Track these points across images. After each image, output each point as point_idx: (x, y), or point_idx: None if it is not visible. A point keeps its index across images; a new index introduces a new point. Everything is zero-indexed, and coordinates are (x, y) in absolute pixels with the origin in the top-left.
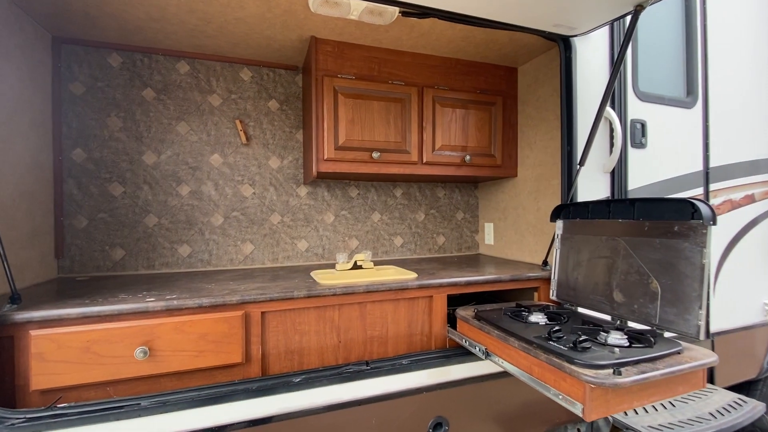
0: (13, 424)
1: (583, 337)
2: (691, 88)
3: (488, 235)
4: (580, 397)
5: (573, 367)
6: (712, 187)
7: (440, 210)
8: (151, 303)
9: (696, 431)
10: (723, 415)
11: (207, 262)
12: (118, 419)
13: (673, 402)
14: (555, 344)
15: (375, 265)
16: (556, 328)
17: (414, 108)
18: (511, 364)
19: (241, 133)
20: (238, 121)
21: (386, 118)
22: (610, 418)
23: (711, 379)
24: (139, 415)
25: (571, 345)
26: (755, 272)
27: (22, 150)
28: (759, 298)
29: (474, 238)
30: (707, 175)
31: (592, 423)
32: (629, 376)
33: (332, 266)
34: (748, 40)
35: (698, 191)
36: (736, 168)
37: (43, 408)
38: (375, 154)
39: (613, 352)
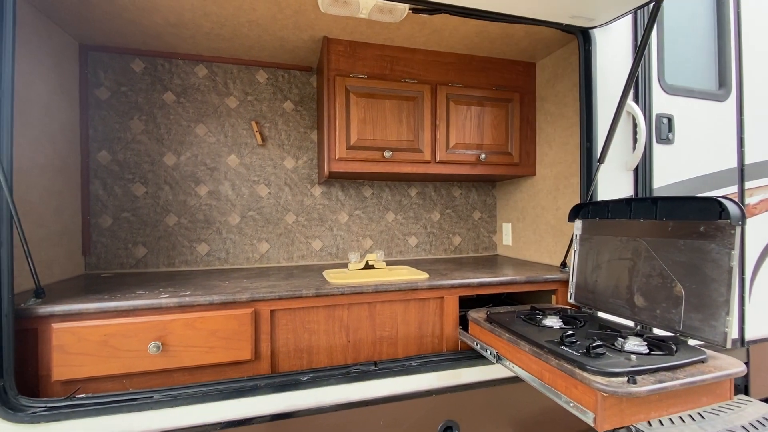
0: (34, 413)
1: (597, 343)
2: (724, 79)
3: (506, 235)
4: (591, 406)
5: (584, 373)
6: (748, 185)
7: (456, 210)
8: (165, 299)
9: None
10: (757, 428)
11: (224, 260)
12: (131, 411)
13: (703, 413)
14: (567, 349)
15: (388, 265)
16: (570, 332)
17: (427, 106)
18: (522, 368)
19: (257, 134)
20: (254, 123)
21: (398, 116)
22: (633, 429)
23: (746, 390)
24: (152, 408)
25: (584, 350)
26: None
27: (51, 153)
28: None
29: (492, 238)
30: (742, 172)
31: None
32: (645, 386)
33: (346, 266)
34: None
35: (732, 189)
36: None
37: (62, 398)
38: (387, 153)
39: (630, 359)
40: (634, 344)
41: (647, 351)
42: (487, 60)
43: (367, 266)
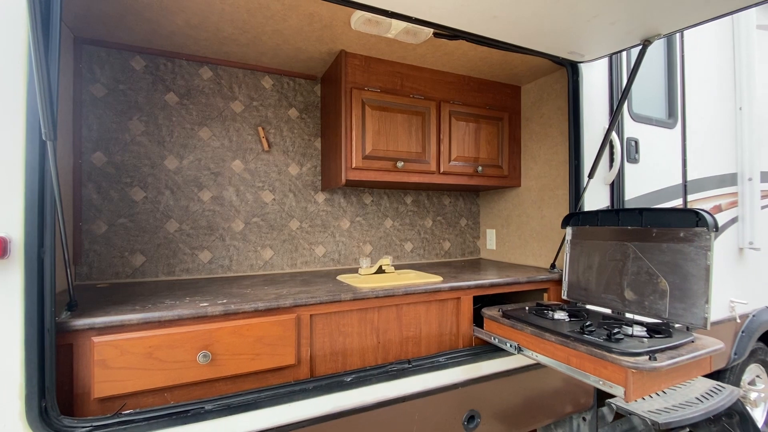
0: None
1: (616, 330)
2: (672, 110)
3: (490, 240)
4: (621, 382)
5: (613, 355)
6: (690, 197)
7: (446, 217)
8: (210, 307)
9: (689, 413)
10: (707, 399)
11: (227, 267)
12: (185, 423)
13: (664, 390)
14: (590, 337)
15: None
16: (588, 323)
17: (433, 121)
18: (547, 356)
19: (263, 140)
20: (260, 128)
21: (408, 129)
22: (614, 406)
23: None
24: (205, 419)
25: (605, 337)
26: (721, 273)
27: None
28: (725, 296)
29: (476, 243)
30: (685, 188)
31: (596, 411)
32: (663, 361)
33: (348, 271)
34: (715, 77)
35: (678, 201)
36: (706, 181)
37: (109, 416)
38: (399, 164)
39: (642, 342)
40: (638, 330)
41: (649, 336)
42: (481, 81)
43: (379, 271)
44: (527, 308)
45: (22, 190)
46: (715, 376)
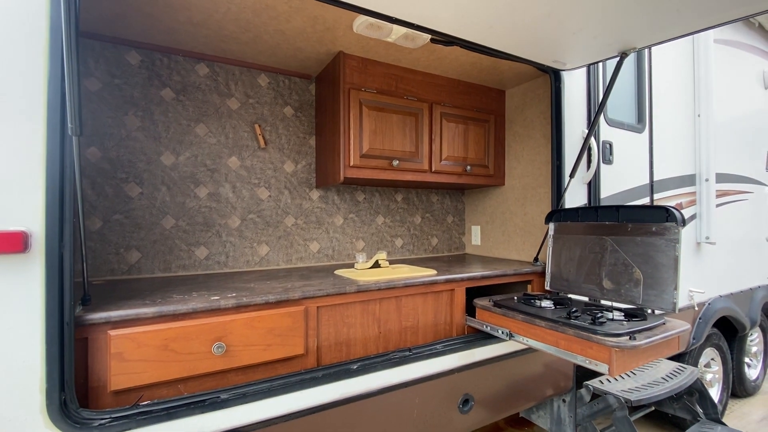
0: (102, 425)
1: (599, 315)
2: (641, 116)
3: (475, 236)
4: (606, 360)
5: (598, 336)
6: (656, 196)
7: (434, 214)
8: (222, 301)
9: (656, 391)
10: (671, 379)
11: (224, 263)
12: (203, 412)
13: (634, 371)
14: (577, 322)
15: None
16: (574, 309)
17: (425, 121)
18: (537, 341)
19: (260, 138)
20: (257, 126)
21: (403, 129)
22: (591, 388)
23: None
24: (222, 407)
25: (590, 321)
26: (681, 265)
27: None
28: (684, 286)
29: (461, 239)
30: (652, 187)
31: (575, 392)
32: (641, 340)
33: (341, 266)
34: (677, 86)
35: (646, 200)
36: (670, 182)
37: (128, 407)
38: (395, 162)
39: (622, 325)
40: (617, 315)
41: (626, 319)
42: (469, 85)
43: (375, 265)
44: (516, 298)
45: (43, 185)
46: (676, 358)
